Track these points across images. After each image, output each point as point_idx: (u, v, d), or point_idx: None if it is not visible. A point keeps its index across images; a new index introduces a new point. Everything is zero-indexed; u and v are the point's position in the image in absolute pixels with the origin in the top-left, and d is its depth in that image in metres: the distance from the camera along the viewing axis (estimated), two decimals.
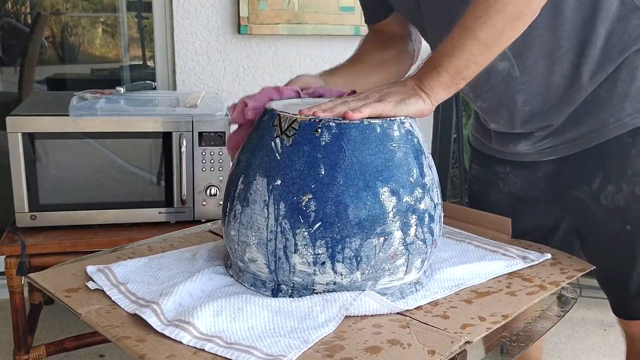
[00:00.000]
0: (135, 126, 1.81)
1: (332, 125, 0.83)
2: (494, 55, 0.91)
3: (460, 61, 0.89)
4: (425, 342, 0.78)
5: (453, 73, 0.89)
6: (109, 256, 1.02)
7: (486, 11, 0.87)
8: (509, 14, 0.87)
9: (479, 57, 0.89)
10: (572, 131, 1.10)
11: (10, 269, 1.70)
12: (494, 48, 0.90)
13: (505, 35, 0.89)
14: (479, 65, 0.90)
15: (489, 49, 0.89)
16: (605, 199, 1.09)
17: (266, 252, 0.85)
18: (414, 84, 0.91)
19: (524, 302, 0.91)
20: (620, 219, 1.09)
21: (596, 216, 1.11)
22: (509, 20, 0.88)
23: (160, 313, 0.81)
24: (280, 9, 2.33)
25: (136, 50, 3.43)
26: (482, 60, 0.90)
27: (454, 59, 0.89)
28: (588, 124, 1.08)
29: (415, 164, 0.86)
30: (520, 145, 1.16)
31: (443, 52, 0.90)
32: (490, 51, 0.90)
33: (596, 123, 1.07)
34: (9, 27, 3.36)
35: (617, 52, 1.03)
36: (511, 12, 0.87)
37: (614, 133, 1.06)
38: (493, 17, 0.87)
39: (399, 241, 0.84)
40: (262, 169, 0.85)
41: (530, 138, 1.14)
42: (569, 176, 1.14)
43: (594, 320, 2.52)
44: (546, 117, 1.10)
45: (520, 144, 1.15)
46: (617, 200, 1.08)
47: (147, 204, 1.88)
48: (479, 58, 0.90)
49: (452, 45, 0.89)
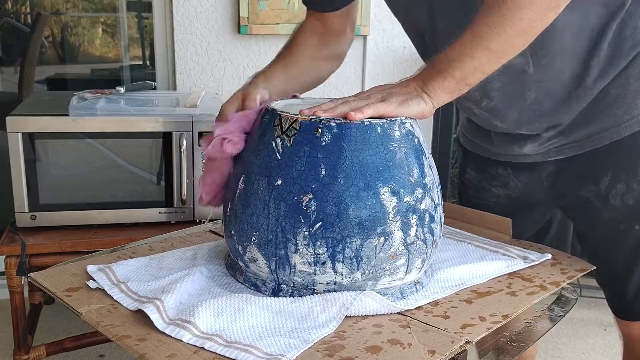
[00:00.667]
0: (135, 126, 1.81)
1: (332, 125, 0.83)
2: (501, 64, 0.91)
3: (468, 69, 0.88)
4: (425, 342, 0.78)
5: (459, 79, 0.89)
6: (110, 256, 1.02)
7: (502, 23, 0.86)
8: (523, 27, 0.87)
9: (486, 66, 0.89)
10: (581, 130, 1.09)
11: (10, 269, 1.70)
12: (503, 58, 0.90)
13: (515, 47, 0.89)
14: (485, 73, 0.90)
15: (498, 59, 0.89)
16: (614, 198, 1.08)
17: (267, 251, 0.85)
18: (417, 85, 0.91)
19: (524, 302, 0.91)
20: (628, 219, 1.08)
21: (601, 215, 1.11)
22: (522, 32, 0.87)
23: (163, 310, 0.81)
24: (280, 9, 2.33)
25: (136, 50, 3.43)
26: (488, 69, 0.90)
27: (462, 65, 0.88)
28: (599, 122, 1.07)
29: (415, 164, 0.86)
30: (526, 147, 1.14)
31: (451, 58, 0.89)
32: (499, 61, 0.90)
33: (608, 121, 1.06)
34: (9, 27, 3.36)
35: (629, 48, 1.02)
36: (525, 25, 0.87)
37: (628, 131, 1.05)
38: (508, 30, 0.86)
39: (399, 241, 0.84)
40: (262, 168, 0.85)
41: (537, 139, 1.13)
42: (574, 175, 1.13)
43: (594, 320, 2.52)
44: (554, 116, 1.08)
45: (527, 146, 1.14)
46: (627, 200, 1.07)
47: (147, 204, 1.88)
48: (487, 67, 0.90)
49: (462, 52, 0.88)
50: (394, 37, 2.50)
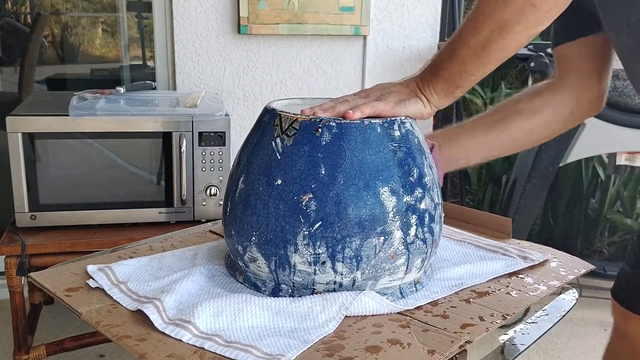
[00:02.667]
0: (135, 126, 1.81)
1: (332, 125, 0.83)
2: (485, 66, 0.87)
3: (453, 68, 0.87)
4: (425, 342, 0.78)
5: (449, 80, 0.88)
6: (110, 256, 1.02)
7: (476, 16, 0.85)
8: (495, 22, 0.83)
9: (469, 65, 0.86)
10: None
11: (10, 269, 1.70)
12: (483, 57, 0.86)
13: (493, 45, 0.85)
14: (470, 75, 0.87)
15: (479, 57, 0.86)
16: None
17: (266, 251, 0.85)
18: (416, 85, 0.90)
19: (524, 302, 0.91)
20: None
21: None
22: (495, 28, 0.84)
23: (162, 310, 0.81)
24: (280, 9, 2.33)
25: (136, 50, 3.43)
26: (473, 69, 0.87)
27: (449, 64, 0.87)
28: None
29: (415, 164, 0.86)
30: None
31: (442, 57, 0.88)
32: (481, 60, 0.86)
33: None
34: (9, 27, 3.36)
35: None
36: (498, 19, 0.83)
37: None
38: (481, 21, 0.84)
39: (399, 241, 0.84)
40: (262, 168, 0.85)
41: None
42: None
43: (594, 320, 2.51)
44: None
45: None
46: None
47: (147, 204, 1.88)
48: (470, 67, 0.87)
49: (448, 52, 0.87)
50: (394, 37, 2.50)
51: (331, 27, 2.40)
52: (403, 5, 2.51)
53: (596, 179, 2.82)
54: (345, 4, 2.39)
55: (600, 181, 2.82)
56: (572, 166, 2.70)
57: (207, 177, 1.88)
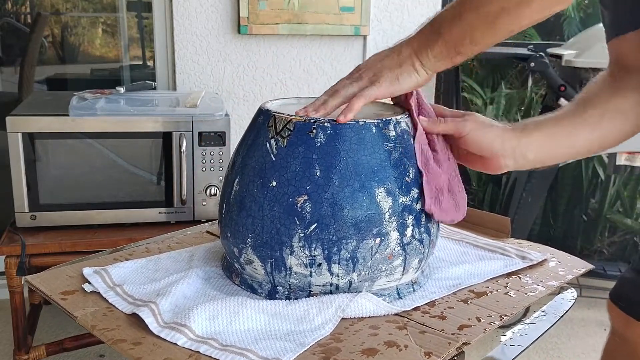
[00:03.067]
0: (135, 126, 1.81)
1: (327, 126, 0.82)
2: (493, 36, 0.82)
3: (457, 32, 0.81)
4: (422, 344, 0.77)
5: (449, 43, 0.82)
6: (106, 258, 1.02)
7: None
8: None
9: (475, 32, 0.81)
10: None
11: (10, 269, 1.70)
12: (493, 28, 0.81)
13: (505, 15, 0.79)
14: (474, 43, 0.82)
15: (488, 26, 0.81)
16: None
17: (262, 253, 0.85)
18: (411, 50, 0.85)
19: (522, 302, 0.90)
20: None
21: None
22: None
23: (158, 313, 0.81)
24: (280, 9, 2.33)
25: (136, 50, 3.43)
26: (478, 37, 0.82)
27: (451, 26, 0.82)
28: None
29: (411, 164, 0.85)
30: None
31: (445, 16, 0.83)
32: (489, 29, 0.81)
33: None
34: (9, 27, 3.36)
35: None
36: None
37: None
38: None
39: (395, 242, 0.84)
40: (257, 170, 0.85)
41: None
42: None
43: (594, 320, 2.51)
44: None
45: None
46: None
47: (147, 204, 1.88)
48: (476, 34, 0.82)
49: (453, 12, 0.82)
50: (394, 37, 2.49)
51: (331, 27, 2.39)
52: (403, 5, 2.50)
53: (596, 179, 2.82)
54: (345, 4, 2.39)
55: (600, 181, 2.81)
56: (572, 166, 2.69)
57: (207, 177, 1.88)
